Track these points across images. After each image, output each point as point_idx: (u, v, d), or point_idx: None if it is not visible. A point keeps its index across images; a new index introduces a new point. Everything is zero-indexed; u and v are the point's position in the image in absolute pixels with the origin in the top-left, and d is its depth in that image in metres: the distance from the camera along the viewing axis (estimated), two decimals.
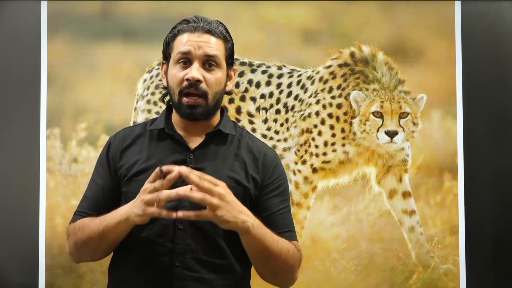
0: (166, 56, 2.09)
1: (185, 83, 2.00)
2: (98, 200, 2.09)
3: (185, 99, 2.01)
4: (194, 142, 2.06)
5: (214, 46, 2.03)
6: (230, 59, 2.09)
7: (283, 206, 2.10)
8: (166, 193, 1.82)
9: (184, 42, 2.02)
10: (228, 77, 2.10)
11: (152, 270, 1.98)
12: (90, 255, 2.05)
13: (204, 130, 2.07)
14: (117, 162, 2.08)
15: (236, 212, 1.87)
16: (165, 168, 1.84)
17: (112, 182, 2.09)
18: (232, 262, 2.01)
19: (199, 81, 2.00)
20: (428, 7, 3.47)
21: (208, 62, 2.02)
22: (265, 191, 2.08)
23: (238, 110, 3.41)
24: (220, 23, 2.09)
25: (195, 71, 2.00)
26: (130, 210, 1.90)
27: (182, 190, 1.81)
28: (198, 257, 1.97)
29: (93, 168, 2.15)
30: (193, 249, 1.96)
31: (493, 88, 3.46)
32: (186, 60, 2.02)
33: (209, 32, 2.04)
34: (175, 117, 2.10)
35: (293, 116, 3.41)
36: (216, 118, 2.10)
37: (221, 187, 1.85)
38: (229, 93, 2.12)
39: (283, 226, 2.08)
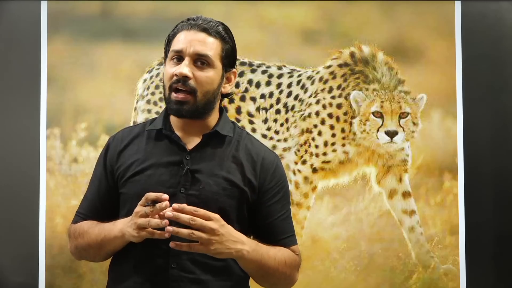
0: (167, 55, 2.09)
1: (174, 78, 2.00)
2: (95, 202, 2.12)
3: (173, 95, 2.00)
4: (191, 143, 2.05)
5: (207, 45, 2.02)
6: (226, 60, 2.06)
7: (284, 211, 2.10)
8: (155, 222, 1.85)
9: (180, 40, 2.02)
10: (227, 80, 2.09)
11: (149, 271, 1.98)
12: (91, 259, 2.12)
13: (202, 131, 2.06)
14: (114, 164, 2.09)
15: (230, 242, 1.89)
16: (152, 196, 1.87)
17: (107, 185, 2.09)
18: (229, 263, 2.01)
19: (187, 77, 1.99)
20: (428, 7, 3.46)
21: (200, 60, 2.02)
22: (266, 197, 2.07)
23: (238, 110, 3.41)
24: (221, 24, 2.07)
25: (183, 67, 1.99)
26: (125, 229, 1.93)
27: (171, 228, 1.84)
28: (194, 258, 1.97)
29: (93, 168, 2.16)
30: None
31: (493, 88, 3.46)
32: (179, 57, 2.02)
33: (205, 30, 2.03)
34: (173, 117, 2.09)
35: (293, 116, 3.41)
36: (214, 118, 2.09)
37: (214, 222, 1.87)
38: (229, 95, 2.12)
39: (284, 232, 2.09)
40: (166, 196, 1.86)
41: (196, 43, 2.01)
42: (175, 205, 1.86)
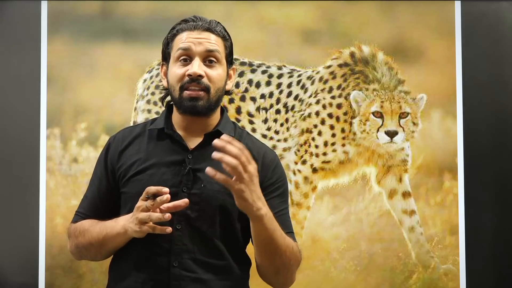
0: (166, 57, 2.10)
1: (186, 78, 2.01)
2: (95, 201, 2.12)
3: (186, 92, 2.01)
4: (194, 142, 2.06)
5: (214, 42, 2.04)
6: (229, 57, 2.10)
7: (283, 208, 2.09)
8: (156, 216, 1.85)
9: (184, 40, 2.03)
10: (228, 76, 2.10)
11: (150, 270, 1.98)
12: (91, 258, 2.11)
13: (204, 130, 2.07)
14: (115, 164, 2.09)
15: (255, 197, 1.87)
16: (152, 189, 1.86)
17: (108, 184, 2.10)
18: (230, 262, 2.01)
19: (200, 76, 2.00)
20: (428, 7, 3.47)
21: (209, 58, 2.03)
22: (265, 192, 2.07)
23: (238, 110, 3.41)
24: (219, 22, 2.10)
25: (196, 66, 2.00)
26: (127, 225, 1.93)
27: (168, 215, 1.84)
28: (196, 258, 1.97)
29: (93, 168, 2.17)
30: (190, 249, 1.96)
31: (493, 88, 3.46)
32: (187, 57, 2.03)
33: (209, 29, 2.05)
34: (175, 117, 2.10)
35: (293, 116, 3.41)
36: (216, 118, 2.10)
37: (254, 167, 1.85)
38: (229, 92, 2.13)
39: (283, 228, 2.08)
40: (166, 190, 1.86)
41: (204, 41, 2.03)
42: (224, 136, 1.83)
